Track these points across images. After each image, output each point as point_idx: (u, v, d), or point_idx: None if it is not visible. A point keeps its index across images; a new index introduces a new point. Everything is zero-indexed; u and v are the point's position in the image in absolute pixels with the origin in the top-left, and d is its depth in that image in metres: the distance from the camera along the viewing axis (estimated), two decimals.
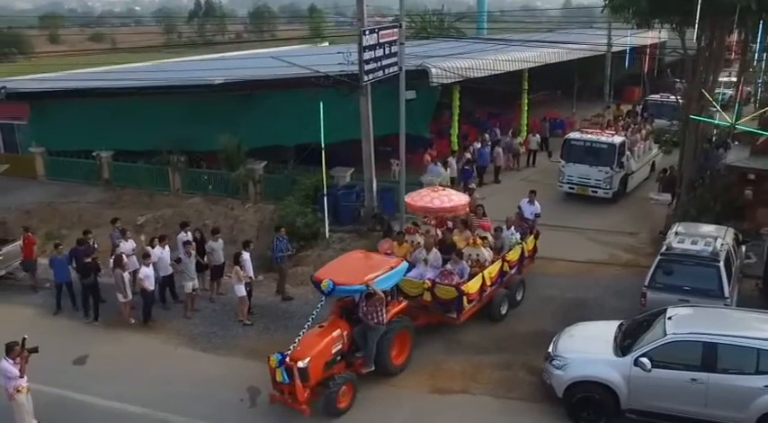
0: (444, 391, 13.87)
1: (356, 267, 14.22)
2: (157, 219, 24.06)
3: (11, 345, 12.68)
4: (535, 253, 18.52)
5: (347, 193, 22.76)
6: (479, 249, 16.38)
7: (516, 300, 17.00)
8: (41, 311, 18.27)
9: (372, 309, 13.42)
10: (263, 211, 23.78)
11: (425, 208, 17.34)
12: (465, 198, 17.91)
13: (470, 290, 15.23)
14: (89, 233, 19.09)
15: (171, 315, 17.53)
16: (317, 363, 12.84)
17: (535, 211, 19.28)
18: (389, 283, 13.98)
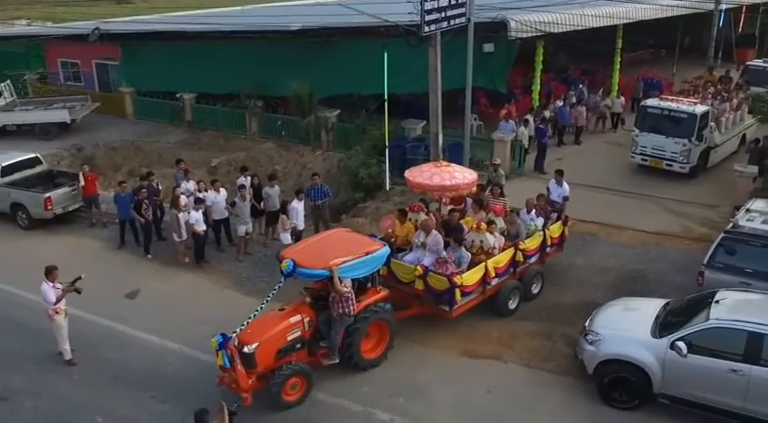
0: (475, 355, 13.50)
1: (328, 249, 12.86)
2: (230, 161, 24.55)
3: (50, 268, 13.35)
4: (563, 241, 16.27)
5: (415, 146, 22.35)
6: (483, 235, 14.35)
7: (532, 293, 15.18)
8: (107, 245, 19.09)
9: (339, 297, 12.16)
10: (332, 160, 23.80)
11: (423, 185, 15.09)
12: (472, 176, 15.40)
13: (466, 281, 13.48)
14: (152, 174, 19.61)
15: (224, 257, 17.88)
16: (267, 349, 11.82)
17: (563, 193, 17.16)
18: (360, 271, 12.55)
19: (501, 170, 19.03)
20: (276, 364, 11.91)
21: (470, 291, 13.76)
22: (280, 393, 11.73)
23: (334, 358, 12.50)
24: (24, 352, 13.90)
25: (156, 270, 17.45)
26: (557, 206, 16.77)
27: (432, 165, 15.69)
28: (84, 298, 14.08)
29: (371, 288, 13.17)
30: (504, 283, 14.54)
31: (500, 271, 14.33)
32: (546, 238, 15.42)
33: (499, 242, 14.55)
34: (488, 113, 26.53)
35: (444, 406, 12.13)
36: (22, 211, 20.03)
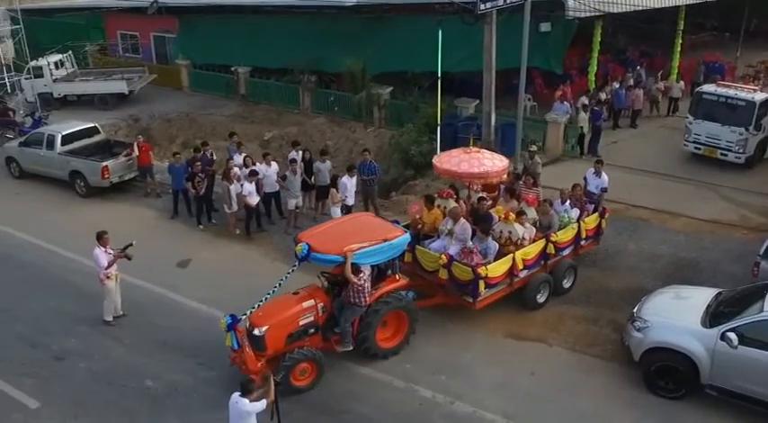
0: (520, 337, 13.45)
1: (347, 234, 12.53)
2: (283, 135, 24.79)
3: (100, 233, 13.79)
4: (599, 234, 15.60)
5: (467, 125, 22.12)
6: (512, 226, 13.77)
7: (563, 287, 14.58)
8: (160, 214, 19.53)
9: (352, 285, 11.83)
10: (383, 137, 23.81)
11: (450, 171, 14.43)
12: (502, 163, 14.60)
13: (491, 273, 13.04)
14: (207, 145, 19.90)
15: (274, 230, 18.12)
16: (278, 332, 11.71)
17: (601, 184, 16.36)
18: (376, 258, 12.22)
19: (537, 158, 18.44)
20: (287, 348, 11.75)
21: (496, 282, 13.36)
22: (288, 378, 11.50)
23: (347, 346, 12.20)
24: (79, 315, 14.36)
25: (207, 240, 17.78)
26: (594, 197, 16.08)
27: (461, 150, 14.94)
28: (137, 265, 14.54)
29: (391, 276, 12.85)
30: (533, 276, 14.02)
31: (529, 263, 13.83)
32: (580, 230, 14.80)
33: (529, 233, 14.00)
34: (543, 94, 26.18)
35: (487, 386, 12.13)
36: (80, 178, 20.60)
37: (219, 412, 10.30)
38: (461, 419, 11.39)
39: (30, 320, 14.33)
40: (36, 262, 16.77)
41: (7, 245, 17.78)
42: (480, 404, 11.66)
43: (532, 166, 17.93)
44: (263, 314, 11.74)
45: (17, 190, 21.56)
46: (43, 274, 16.15)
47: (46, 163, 21.37)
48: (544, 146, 21.99)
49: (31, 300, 15.10)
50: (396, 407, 11.70)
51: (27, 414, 11.70)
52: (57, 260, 16.79)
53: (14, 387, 12.28)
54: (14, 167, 22.30)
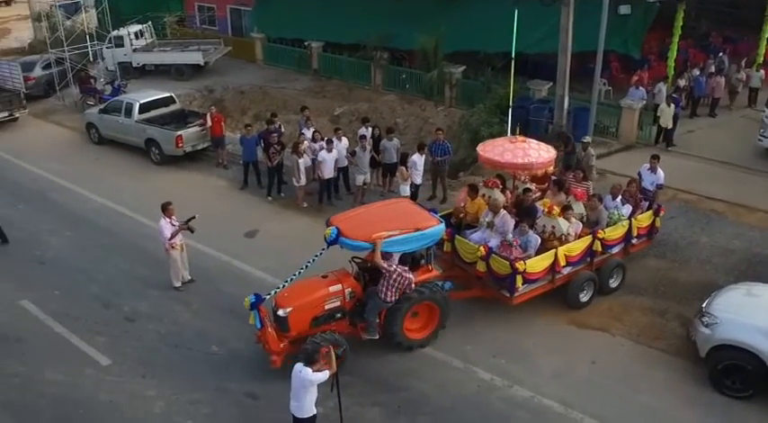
0: (582, 325, 13.29)
1: (379, 220, 12.27)
2: (353, 111, 24.89)
3: (165, 205, 14.20)
4: (652, 233, 14.82)
5: (539, 108, 21.83)
6: (555, 220, 13.25)
7: (609, 286, 13.98)
8: (231, 185, 19.97)
9: (385, 275, 11.54)
10: (453, 116, 23.66)
11: (493, 161, 13.86)
12: (549, 155, 13.89)
13: (530, 268, 12.59)
14: (275, 116, 20.17)
15: (341, 205, 18.23)
16: (302, 315, 11.65)
17: (657, 180, 15.61)
18: (406, 247, 11.96)
19: (591, 150, 17.69)
20: (311, 331, 11.66)
21: (535, 278, 12.91)
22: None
23: (372, 335, 11.95)
24: (150, 279, 14.88)
25: (275, 212, 18.10)
26: (648, 194, 15.42)
27: (506, 139, 14.40)
28: (207, 234, 14.97)
29: (424, 266, 12.57)
30: (577, 274, 13.46)
31: (572, 260, 13.27)
32: (631, 228, 14.09)
33: (575, 229, 13.47)
34: (619, 78, 25.52)
35: (546, 372, 12.07)
36: (155, 146, 21.19)
37: (281, 381, 10.59)
38: (519, 404, 11.37)
39: (104, 282, 14.94)
40: (111, 226, 17.41)
41: (86, 209, 18.52)
42: (538, 390, 11.61)
43: (585, 159, 17.32)
44: (288, 295, 11.75)
45: (96, 155, 22.39)
46: (117, 238, 16.76)
47: (123, 130, 22.06)
48: (617, 132, 21.51)
49: (105, 262, 15.71)
50: (454, 387, 11.76)
51: (98, 370, 12.24)
52: (130, 225, 17.41)
53: (88, 344, 12.87)
54: (94, 133, 23.09)
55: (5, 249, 16.40)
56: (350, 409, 10.94)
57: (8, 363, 12.42)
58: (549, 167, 14.26)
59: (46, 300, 14.25)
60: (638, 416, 11.10)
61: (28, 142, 23.41)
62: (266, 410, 11.20)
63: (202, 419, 11.07)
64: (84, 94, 26.24)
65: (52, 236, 16.99)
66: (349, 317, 12.14)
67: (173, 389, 11.57)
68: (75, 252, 16.23)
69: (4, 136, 23.99)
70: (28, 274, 15.30)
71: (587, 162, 17.16)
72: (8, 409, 11.37)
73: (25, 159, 21.87)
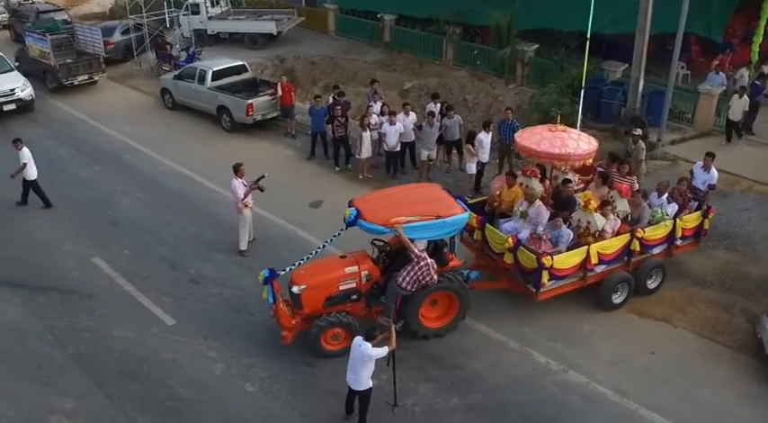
0: (644, 314, 13.06)
1: (401, 204, 11.93)
2: (422, 86, 24.69)
3: (237, 165, 14.58)
4: (699, 235, 13.96)
5: (612, 90, 21.30)
6: (591, 215, 12.63)
7: (647, 288, 13.30)
8: (298, 155, 20.22)
9: (413, 261, 11.26)
10: (524, 95, 23.30)
11: (529, 149, 13.18)
12: (589, 147, 13.01)
13: (558, 264, 12.06)
14: (337, 87, 20.27)
15: (406, 179, 18.30)
16: (316, 293, 11.59)
17: (709, 180, 14.73)
18: (426, 234, 11.63)
19: (642, 143, 16.56)
20: (324, 311, 11.62)
21: (564, 275, 12.40)
22: (317, 340, 11.54)
23: (387, 321, 11.54)
24: (216, 244, 15.28)
25: (340, 183, 18.26)
26: (699, 194, 14.59)
27: (546, 127, 13.55)
28: (272, 202, 15.31)
29: (446, 254, 12.24)
30: (611, 273, 12.91)
31: (607, 258, 12.72)
32: (675, 228, 13.33)
33: (613, 225, 12.86)
34: (698, 62, 24.55)
35: (603, 359, 11.94)
36: (226, 114, 21.58)
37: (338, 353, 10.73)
38: (573, 389, 11.30)
39: (172, 243, 15.41)
40: (180, 189, 17.90)
41: (157, 172, 19.08)
42: (594, 377, 11.51)
43: (635, 152, 16.34)
44: (304, 273, 11.74)
45: (169, 120, 22.96)
46: (186, 202, 17.23)
47: (196, 96, 22.50)
48: (693, 118, 20.83)
49: (173, 224, 16.19)
50: (508, 368, 11.77)
51: (163, 329, 12.69)
52: (198, 189, 17.87)
53: (155, 304, 13.36)
54: (168, 99, 23.64)
55: (82, 209, 17.04)
56: (403, 383, 11.07)
57: (80, 318, 12.98)
58: (589, 160, 13.38)
59: (117, 258, 14.80)
60: (695, 410, 10.90)
61: (105, 105, 24.14)
62: (322, 379, 11.45)
63: (259, 384, 11.38)
64: (160, 60, 26.88)
65: (125, 197, 17.57)
66: (366, 299, 12.04)
67: (233, 352, 11.92)
68: (146, 213, 16.77)
69: (84, 98, 24.79)
70: (101, 233, 15.88)
71: (636, 156, 16.21)
72: (79, 360, 11.92)
73: (102, 122, 22.60)
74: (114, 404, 10.97)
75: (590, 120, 20.89)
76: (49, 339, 12.43)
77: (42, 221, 16.44)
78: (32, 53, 25.95)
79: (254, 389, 11.28)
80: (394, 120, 17.75)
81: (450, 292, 12.06)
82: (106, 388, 11.29)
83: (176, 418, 10.73)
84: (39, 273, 14.43)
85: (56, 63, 24.98)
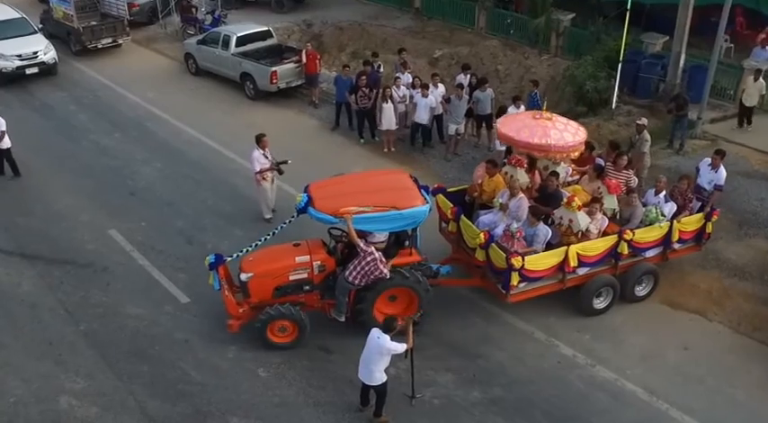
0: (678, 305, 12.45)
1: (358, 192, 11.18)
2: (452, 55, 23.96)
3: (259, 136, 14.21)
4: (701, 239, 12.75)
5: (651, 64, 20.37)
6: (574, 214, 11.47)
7: (635, 294, 12.28)
8: (322, 125, 19.68)
9: (359, 254, 10.55)
10: (558, 67, 22.43)
11: (508, 137, 12.22)
12: (575, 138, 11.93)
13: (530, 265, 11.02)
14: (376, 56, 19.54)
15: (432, 154, 17.76)
16: (264, 282, 10.97)
17: (717, 180, 13.22)
18: (380, 227, 10.86)
19: (646, 134, 15.11)
20: (275, 301, 11.04)
21: (537, 277, 11.37)
22: (263, 331, 11.02)
23: (339, 316, 11.14)
24: (234, 218, 14.93)
25: (364, 156, 17.73)
26: (704, 194, 13.25)
27: (530, 114, 12.63)
28: (294, 174, 14.81)
29: (406, 248, 11.35)
30: (594, 276, 11.84)
31: (589, 260, 11.61)
32: (672, 230, 12.15)
33: (599, 225, 11.78)
34: (743, 36, 23.39)
35: (633, 354, 11.40)
36: (249, 81, 21.04)
37: (356, 338, 10.26)
38: (600, 385, 10.80)
39: (190, 216, 15.07)
40: (201, 159, 17.51)
41: (178, 140, 18.70)
42: (623, 372, 11.00)
43: (638, 143, 15.01)
44: (253, 260, 11.17)
45: (192, 86, 22.45)
46: (206, 172, 16.84)
47: (220, 62, 21.97)
48: (735, 95, 19.86)
49: (193, 196, 15.82)
50: (533, 360, 11.30)
51: (177, 307, 12.41)
52: (219, 159, 17.47)
53: (170, 280, 13.06)
54: (192, 64, 23.13)
55: (101, 178, 16.72)
56: (422, 373, 10.64)
57: (93, 293, 12.73)
58: (573, 153, 12.25)
59: (133, 231, 14.49)
60: (729, 412, 10.37)
61: (129, 69, 23.67)
62: (338, 366, 11.08)
63: (273, 369, 11.03)
64: (184, 24, 26.25)
65: (144, 166, 17.22)
66: (320, 291, 11.35)
67: (246, 334, 11.50)
68: (165, 184, 16.41)
69: (107, 62, 24.35)
70: (119, 204, 15.58)
71: (639, 148, 14.87)
72: (90, 338, 11.67)
73: (125, 87, 22.17)
74: (124, 385, 10.71)
75: (626, 95, 20.11)
76: (62, 315, 12.18)
77: (61, 191, 16.17)
78: (56, 15, 25.48)
79: (268, 374, 10.94)
80: (426, 92, 17.09)
81: (407, 288, 11.18)
82: (117, 368, 11.03)
83: (186, 402, 10.44)
84: (54, 244, 14.17)
85: (79, 25, 24.50)
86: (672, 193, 12.78)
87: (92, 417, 10.16)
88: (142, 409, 10.28)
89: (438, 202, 12.75)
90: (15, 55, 21.99)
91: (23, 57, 22.10)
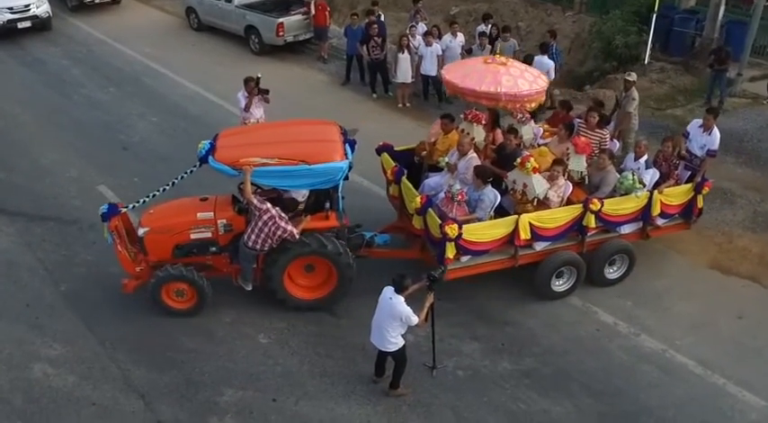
0: (728, 270, 11.15)
1: (273, 142, 9.83)
2: (470, 11, 22.64)
3: (246, 79, 13.16)
4: (690, 213, 10.80)
5: (686, 19, 18.93)
6: (529, 177, 9.70)
7: (605, 277, 10.51)
8: (332, 80, 18.49)
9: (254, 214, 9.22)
10: (582, 23, 21.02)
11: (452, 84, 10.38)
12: (530, 87, 10.07)
13: (469, 235, 9.31)
14: (376, 4, 18.31)
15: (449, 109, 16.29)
16: (162, 239, 9.71)
17: (710, 144, 11.02)
18: (285, 183, 9.55)
19: (635, 92, 13.20)
20: (175, 261, 9.78)
21: (480, 250, 9.64)
22: (157, 293, 9.78)
23: (246, 284, 9.86)
24: None
25: (377, 112, 16.54)
26: (694, 161, 11.15)
27: (480, 60, 10.79)
28: None
29: (326, 211, 9.88)
30: (553, 253, 10.03)
31: (546, 234, 9.86)
32: (653, 202, 10.27)
33: (561, 192, 10.05)
34: None
35: (681, 323, 10.08)
36: (254, 34, 19.86)
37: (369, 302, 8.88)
38: (646, 357, 9.50)
39: None
40: (200, 114, 16.35)
41: (177, 94, 17.57)
42: (671, 343, 9.70)
43: (624, 102, 13.18)
44: (153, 213, 9.96)
45: (194, 41, 21.28)
46: (205, 127, 15.20)
47: (223, 15, 20.80)
48: None
49: (190, 151, 14.28)
50: (568, 328, 10.00)
51: None
52: (220, 114, 16.24)
53: None
54: (193, 18, 21.92)
55: (92, 133, 15.53)
56: (445, 341, 9.46)
57: (77, 251, 11.52)
58: (530, 104, 10.41)
59: (124, 187, 13.25)
60: None
61: (127, 25, 22.44)
62: (347, 332, 9.83)
63: (275, 335, 9.78)
64: None
65: (140, 121, 16.01)
66: (230, 254, 9.94)
67: (246, 296, 10.21)
68: (160, 138, 15.22)
69: (105, 18, 23.07)
70: (110, 159, 14.37)
71: (625, 107, 13.10)
72: (70, 299, 10.47)
73: (123, 42, 20.94)
74: (106, 352, 9.48)
75: (658, 51, 18.69)
76: (41, 274, 10.96)
77: (49, 145, 14.95)
78: None
79: (269, 341, 9.69)
80: (430, 40, 15.80)
81: (321, 257, 9.73)
82: (99, 333, 9.79)
83: (175, 371, 9.19)
84: (38, 201, 12.95)
85: None
86: (656, 158, 11.01)
87: (68, 386, 8.94)
88: (126, 379, 9.05)
89: (382, 162, 11.27)
90: (6, 7, 20.76)
91: (15, 10, 20.86)
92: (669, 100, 16.96)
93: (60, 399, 8.79)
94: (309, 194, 10.02)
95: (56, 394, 8.85)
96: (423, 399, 8.81)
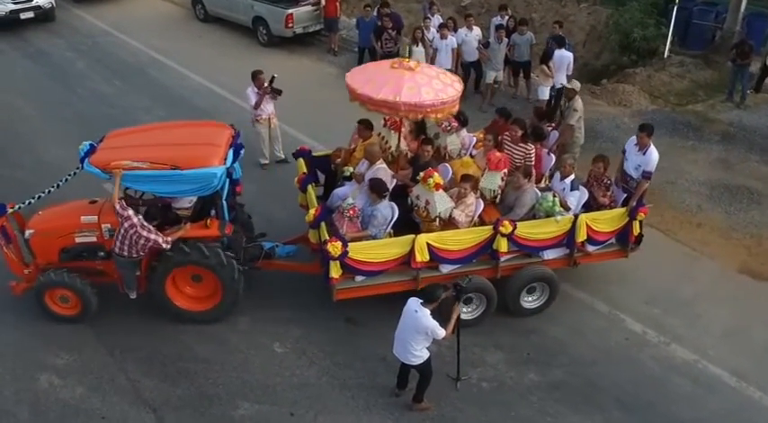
0: (760, 275, 10.78)
1: (155, 144, 9.29)
2: (483, 3, 22.13)
3: (255, 73, 12.97)
4: (627, 241, 9.83)
5: (705, 11, 18.54)
6: (432, 194, 9.05)
7: (522, 306, 9.67)
8: (342, 72, 17.37)
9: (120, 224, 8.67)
10: (599, 15, 20.54)
11: (351, 89, 9.35)
12: (437, 96, 8.86)
13: (355, 254, 8.66)
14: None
15: (466, 105, 15.84)
16: (47, 242, 9.33)
17: (646, 165, 9.85)
18: (159, 189, 8.97)
19: (578, 102, 12.01)
20: (63, 265, 9.42)
21: (371, 271, 8.96)
22: (39, 298, 9.43)
23: (130, 292, 9.39)
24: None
25: None
26: (630, 183, 10.09)
27: (391, 62, 9.50)
28: (308, 124, 13.82)
29: (210, 219, 9.28)
30: (460, 277, 8.56)
31: (449, 256, 9.05)
32: (578, 227, 9.28)
33: (471, 211, 9.28)
34: None
35: (712, 331, 9.71)
36: (263, 26, 19.48)
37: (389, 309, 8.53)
38: (677, 368, 9.13)
39: None
40: (208, 107, 15.93)
41: (183, 87, 17.20)
42: (703, 353, 9.33)
43: (567, 112, 12.20)
44: (42, 215, 9.61)
45: (200, 32, 20.86)
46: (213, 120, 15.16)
47: (230, 6, 20.41)
48: None
49: None
50: (595, 336, 9.62)
51: None
52: (227, 107, 15.86)
53: None
54: (200, 9, 21.53)
55: (96, 126, 14.89)
56: (468, 350, 9.05)
57: None
58: (437, 115, 9.11)
59: None
60: None
61: (133, 16, 22.04)
62: (368, 341, 9.42)
63: (291, 344, 9.39)
64: None
65: (145, 114, 15.56)
66: None
67: (261, 301, 9.86)
68: None
69: (110, 9, 22.66)
70: None
71: (567, 119, 11.97)
72: None
73: (129, 34, 20.54)
74: (116, 361, 9.10)
75: (677, 44, 18.24)
76: None
77: (53, 140, 14.54)
78: None
79: (285, 350, 9.31)
80: (446, 33, 15.35)
81: (202, 268, 9.23)
82: (107, 341, 9.42)
83: (187, 383, 8.82)
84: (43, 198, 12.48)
85: None
86: (588, 178, 10.08)
87: (76, 398, 8.57)
88: (136, 391, 8.68)
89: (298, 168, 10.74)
90: None
91: (17, 0, 20.34)
92: (689, 95, 16.53)
93: (68, 412, 8.42)
94: (198, 201, 9.52)
95: (63, 407, 8.48)
96: (447, 413, 8.43)
